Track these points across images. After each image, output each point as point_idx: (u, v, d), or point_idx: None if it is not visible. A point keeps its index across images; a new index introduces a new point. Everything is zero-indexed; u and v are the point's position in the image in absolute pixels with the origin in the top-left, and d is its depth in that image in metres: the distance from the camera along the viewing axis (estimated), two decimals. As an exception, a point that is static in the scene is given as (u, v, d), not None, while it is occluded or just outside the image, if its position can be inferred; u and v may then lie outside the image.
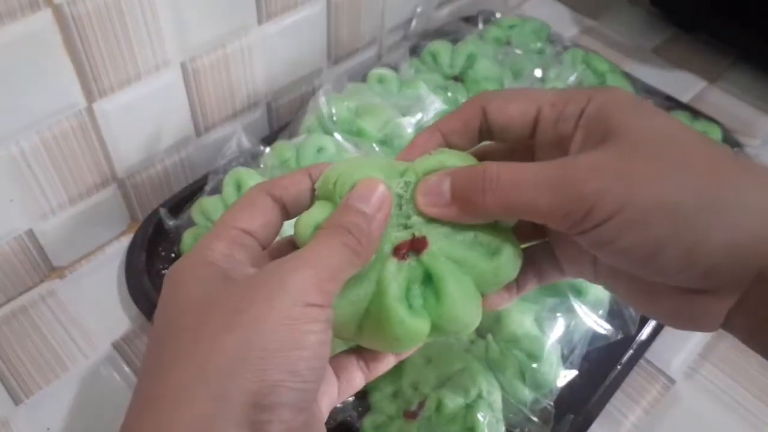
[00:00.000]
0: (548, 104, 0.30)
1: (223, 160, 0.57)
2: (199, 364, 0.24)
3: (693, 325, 0.29)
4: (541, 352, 0.45)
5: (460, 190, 0.29)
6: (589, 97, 0.29)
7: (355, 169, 0.30)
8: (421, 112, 0.61)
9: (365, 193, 0.28)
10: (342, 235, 0.27)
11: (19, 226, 0.51)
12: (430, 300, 0.29)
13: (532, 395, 0.45)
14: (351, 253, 0.27)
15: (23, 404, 0.48)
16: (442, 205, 0.29)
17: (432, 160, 0.31)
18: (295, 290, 0.25)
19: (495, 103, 0.31)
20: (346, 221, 0.28)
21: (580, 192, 0.26)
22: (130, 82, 0.51)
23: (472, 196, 0.28)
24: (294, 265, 0.26)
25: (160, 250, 0.56)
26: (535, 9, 0.88)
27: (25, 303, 0.54)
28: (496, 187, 0.28)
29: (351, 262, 0.27)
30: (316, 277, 0.26)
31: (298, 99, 0.68)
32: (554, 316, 0.47)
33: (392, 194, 0.30)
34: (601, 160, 0.26)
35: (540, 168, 0.28)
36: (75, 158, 0.51)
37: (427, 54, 0.69)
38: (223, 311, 0.25)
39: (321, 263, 0.27)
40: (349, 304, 0.29)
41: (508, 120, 0.31)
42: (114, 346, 0.52)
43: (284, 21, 0.59)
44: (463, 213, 0.29)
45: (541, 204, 0.27)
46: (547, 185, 0.27)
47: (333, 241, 0.27)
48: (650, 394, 0.51)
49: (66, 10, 0.43)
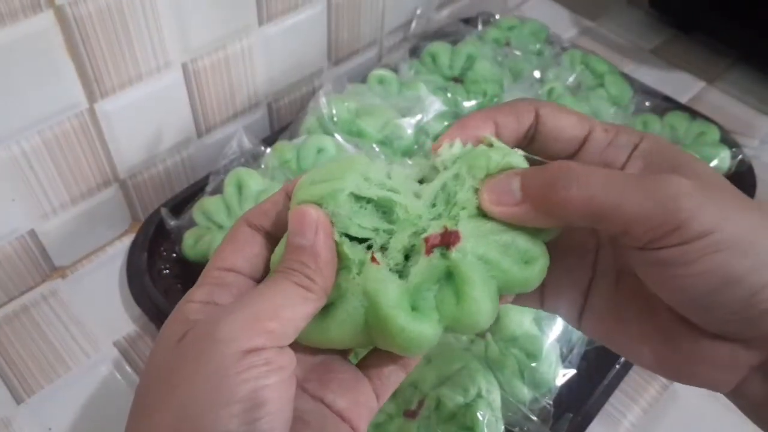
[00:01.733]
0: (600, 128, 0.29)
1: (224, 160, 0.57)
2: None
3: (706, 377, 0.28)
4: (540, 351, 0.45)
5: (536, 188, 0.27)
6: (641, 136, 0.29)
7: (313, 185, 0.28)
8: (420, 113, 0.61)
9: (297, 225, 0.27)
10: (289, 275, 0.26)
11: (21, 225, 0.51)
12: (447, 300, 0.27)
13: (531, 394, 0.46)
14: (303, 290, 0.26)
15: (25, 404, 0.49)
16: (511, 203, 0.27)
17: (497, 156, 0.28)
18: (227, 339, 0.24)
19: (549, 109, 0.30)
20: (289, 261, 0.27)
21: (678, 204, 0.24)
22: (132, 82, 0.51)
23: (552, 194, 0.26)
24: (230, 310, 0.25)
25: (161, 250, 0.56)
26: (534, 10, 0.88)
27: (26, 303, 0.54)
28: (582, 184, 0.25)
29: (306, 298, 0.26)
30: (253, 319, 0.25)
31: (299, 100, 0.68)
32: (553, 315, 0.47)
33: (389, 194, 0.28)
34: (689, 182, 0.25)
35: (628, 173, 0.26)
36: (76, 158, 0.51)
37: (427, 55, 0.69)
38: (161, 380, 0.25)
39: (262, 304, 0.25)
40: (338, 325, 0.28)
41: (560, 130, 0.30)
42: (116, 346, 0.52)
43: (285, 22, 0.60)
44: (534, 212, 0.27)
45: (630, 208, 0.25)
46: (641, 190, 0.25)
47: (280, 282, 0.26)
48: (648, 393, 0.52)
49: (68, 11, 0.44)
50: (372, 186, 0.28)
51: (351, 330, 0.28)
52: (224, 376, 0.23)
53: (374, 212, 0.28)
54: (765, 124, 0.75)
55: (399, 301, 0.27)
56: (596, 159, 0.29)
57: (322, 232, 0.27)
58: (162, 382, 0.25)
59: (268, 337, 0.24)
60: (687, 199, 0.24)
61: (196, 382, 0.24)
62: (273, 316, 0.25)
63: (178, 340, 0.26)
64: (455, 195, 0.28)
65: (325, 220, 0.27)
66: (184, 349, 0.25)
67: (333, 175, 0.28)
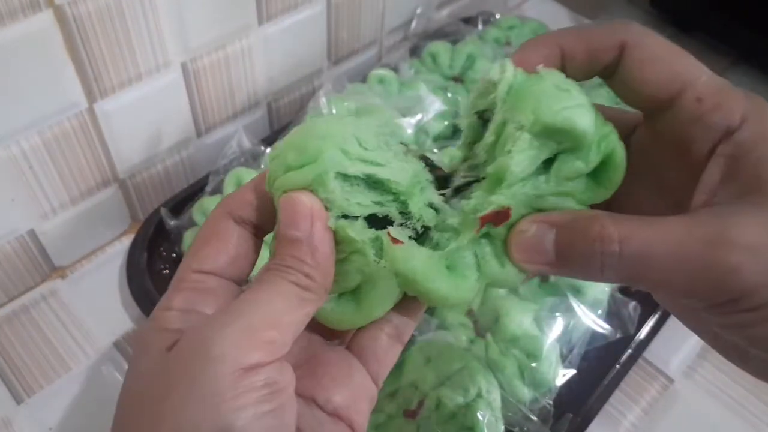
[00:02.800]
0: (694, 93, 0.24)
1: (223, 160, 0.57)
2: None
3: None
4: (540, 351, 0.45)
5: (568, 256, 0.24)
6: (743, 116, 0.24)
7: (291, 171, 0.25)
8: (421, 113, 0.61)
9: (290, 215, 0.24)
10: (285, 274, 0.23)
11: (20, 225, 0.51)
12: (489, 261, 0.26)
13: (531, 394, 0.46)
14: (301, 290, 0.23)
15: (25, 404, 0.49)
16: (544, 263, 0.25)
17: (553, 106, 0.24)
18: (222, 355, 0.21)
19: (639, 52, 0.25)
20: (282, 257, 0.24)
21: (730, 284, 0.22)
22: (131, 82, 0.51)
23: (585, 266, 0.23)
24: (221, 323, 0.22)
25: (161, 250, 0.56)
26: (534, 10, 0.88)
27: (26, 302, 0.54)
28: (617, 262, 0.23)
29: (304, 299, 0.23)
30: (250, 330, 0.22)
31: (299, 99, 0.68)
32: (553, 315, 0.47)
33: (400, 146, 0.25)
34: (755, 234, 0.22)
35: (673, 237, 0.22)
36: (76, 158, 0.51)
37: (427, 55, 0.69)
38: (152, 401, 0.22)
39: (258, 312, 0.22)
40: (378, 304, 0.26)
41: (642, 84, 0.25)
42: (115, 346, 0.52)
43: (284, 21, 0.60)
44: (572, 275, 0.25)
45: (676, 287, 0.23)
46: (686, 268, 0.22)
47: (276, 283, 0.23)
48: (649, 393, 0.52)
49: (67, 10, 0.43)
50: (354, 161, 0.25)
51: (390, 302, 0.26)
52: (220, 402, 0.21)
53: (364, 185, 0.25)
54: (765, 123, 0.75)
55: (436, 272, 0.25)
56: (676, 131, 0.25)
57: (318, 222, 0.24)
58: (149, 402, 0.22)
59: (267, 349, 0.22)
60: (744, 273, 0.21)
61: (188, 408, 0.21)
62: (272, 324, 0.22)
63: (166, 349, 0.23)
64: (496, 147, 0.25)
65: (320, 208, 0.24)
66: (173, 365, 0.22)
67: (308, 154, 0.24)
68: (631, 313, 0.51)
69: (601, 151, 0.26)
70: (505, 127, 0.25)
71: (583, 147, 0.25)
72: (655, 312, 0.53)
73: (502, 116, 0.25)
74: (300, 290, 0.23)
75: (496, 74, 0.26)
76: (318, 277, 0.24)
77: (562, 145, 0.25)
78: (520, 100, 0.25)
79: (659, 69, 0.25)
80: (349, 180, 0.25)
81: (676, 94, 0.25)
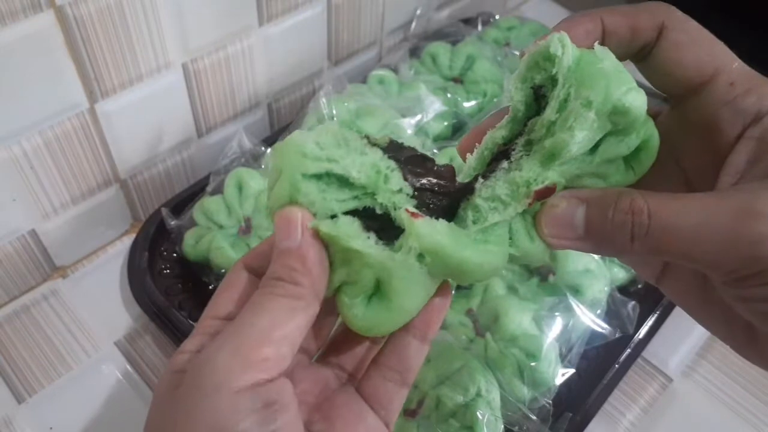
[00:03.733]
0: (726, 78, 0.25)
1: (224, 160, 0.57)
2: None
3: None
4: (539, 350, 0.46)
5: (598, 229, 0.24)
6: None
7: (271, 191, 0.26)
8: (420, 114, 0.61)
9: (279, 227, 0.24)
10: (271, 289, 0.24)
11: (21, 225, 0.51)
12: (521, 235, 0.27)
13: (530, 393, 0.46)
14: (288, 300, 0.24)
15: (26, 403, 0.49)
16: (573, 238, 0.25)
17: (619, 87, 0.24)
18: (217, 383, 0.21)
19: (675, 35, 0.25)
20: (273, 270, 0.24)
21: (757, 254, 0.22)
22: (132, 83, 0.51)
23: (615, 239, 0.24)
24: (215, 347, 0.23)
25: (162, 250, 0.56)
26: (533, 10, 0.88)
27: (27, 302, 0.54)
28: (646, 234, 0.23)
29: (294, 308, 0.23)
30: (241, 350, 0.22)
31: (299, 100, 0.68)
32: (552, 315, 0.47)
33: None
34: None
35: (703, 210, 0.23)
36: (77, 158, 0.51)
37: (427, 55, 0.69)
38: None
39: (247, 331, 0.23)
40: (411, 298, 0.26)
41: (676, 66, 0.26)
42: (116, 345, 0.52)
43: (285, 22, 0.60)
44: (598, 250, 0.25)
45: (702, 257, 0.23)
46: (714, 239, 0.22)
47: (262, 301, 0.24)
48: (648, 392, 0.52)
49: (68, 11, 0.44)
50: (313, 161, 0.25)
51: (420, 292, 0.27)
52: (224, 427, 0.21)
53: (337, 184, 0.26)
54: (764, 124, 0.75)
55: (464, 241, 0.26)
56: (705, 115, 0.26)
57: (306, 230, 0.24)
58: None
59: (261, 368, 0.22)
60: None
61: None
62: (262, 341, 0.22)
63: (173, 389, 0.24)
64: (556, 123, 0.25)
65: (304, 214, 0.24)
66: (177, 401, 0.23)
67: (278, 169, 0.26)
68: (630, 312, 0.51)
69: (640, 136, 0.26)
70: (568, 104, 0.25)
71: (633, 130, 0.26)
72: (654, 312, 0.53)
73: (566, 92, 0.25)
74: (288, 301, 0.24)
75: (556, 48, 0.25)
76: (307, 282, 0.24)
77: (615, 126, 0.25)
78: (590, 78, 0.24)
79: (695, 52, 0.25)
80: (323, 181, 0.25)
81: (709, 78, 0.25)
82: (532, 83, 0.27)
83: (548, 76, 0.26)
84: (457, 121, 0.66)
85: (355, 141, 0.26)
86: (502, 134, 0.28)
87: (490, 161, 0.29)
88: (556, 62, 0.25)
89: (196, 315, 0.52)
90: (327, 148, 0.25)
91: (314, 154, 0.25)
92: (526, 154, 0.27)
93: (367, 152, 0.26)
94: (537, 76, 0.27)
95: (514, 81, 0.27)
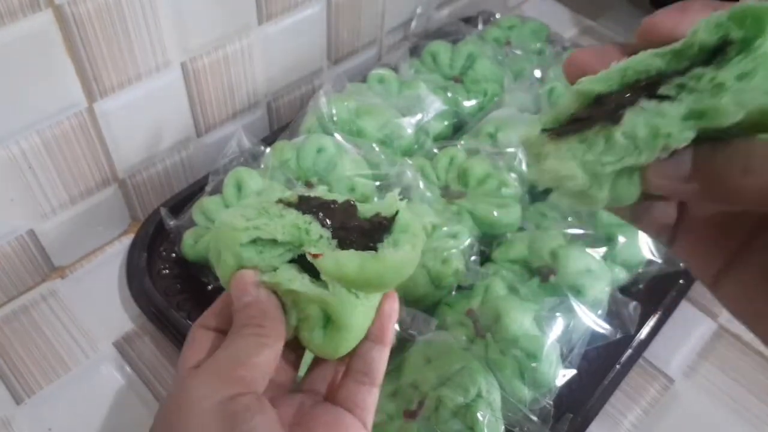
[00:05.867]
0: None
1: (223, 160, 0.57)
2: None
3: None
4: (540, 351, 0.45)
5: (710, 166, 0.22)
6: None
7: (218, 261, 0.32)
8: (421, 113, 0.61)
9: (239, 288, 0.30)
10: (243, 330, 0.29)
11: (20, 225, 0.51)
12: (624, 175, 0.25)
13: (531, 394, 0.46)
14: (258, 337, 0.29)
15: (24, 404, 0.49)
16: (677, 178, 0.23)
17: None
18: (202, 395, 0.26)
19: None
20: (239, 319, 0.29)
21: None
22: (131, 82, 0.51)
23: (724, 174, 0.22)
24: (197, 371, 0.28)
25: (161, 250, 0.56)
26: (534, 9, 0.88)
27: (26, 303, 0.54)
28: (761, 167, 0.21)
29: (263, 344, 0.28)
30: (221, 370, 0.27)
31: (299, 99, 0.68)
32: (553, 315, 0.47)
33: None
34: None
35: None
36: (76, 158, 0.51)
37: (427, 54, 0.69)
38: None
39: (225, 357, 0.28)
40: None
41: None
42: (115, 346, 0.52)
43: (284, 21, 0.59)
44: (703, 193, 0.23)
45: None
46: None
47: (237, 338, 0.29)
48: (649, 393, 0.52)
49: (67, 10, 0.43)
50: (243, 231, 0.30)
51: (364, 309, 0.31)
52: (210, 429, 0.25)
53: (271, 245, 0.31)
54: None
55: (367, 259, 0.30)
56: None
57: (257, 285, 0.30)
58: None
59: (240, 383, 0.26)
60: None
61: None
62: (239, 363, 0.27)
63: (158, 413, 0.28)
64: None
65: (253, 274, 0.30)
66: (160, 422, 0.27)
67: (218, 248, 0.31)
68: (631, 313, 0.51)
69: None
70: (750, 80, 0.22)
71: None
72: (655, 312, 0.53)
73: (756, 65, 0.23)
74: (256, 338, 0.29)
75: (705, 29, 0.24)
76: (268, 324, 0.29)
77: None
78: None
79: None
80: (258, 244, 0.31)
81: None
82: (726, 34, 0.24)
83: (744, 38, 0.24)
84: (457, 120, 0.66)
85: (272, 207, 0.31)
86: (659, 65, 0.25)
87: (628, 87, 0.26)
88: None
89: (195, 315, 0.52)
90: (252, 218, 0.31)
91: (243, 226, 0.30)
92: (676, 100, 0.24)
93: (284, 214, 0.31)
94: (737, 33, 0.24)
95: (712, 20, 0.24)
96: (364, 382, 0.32)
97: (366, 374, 0.32)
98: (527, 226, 0.55)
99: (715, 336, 0.55)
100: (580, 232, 0.53)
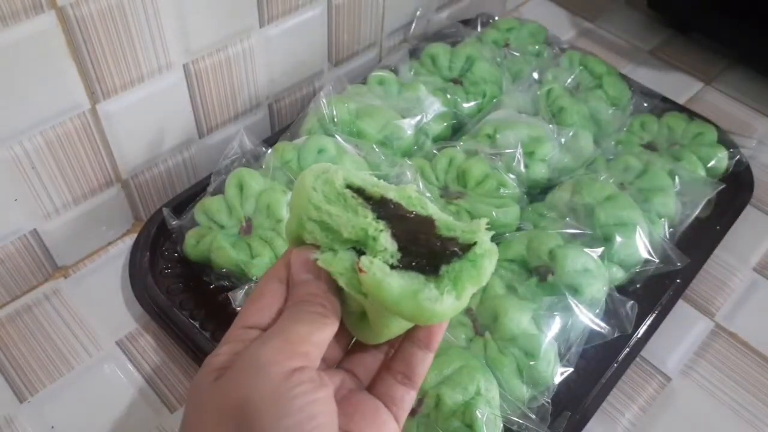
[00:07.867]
0: None
1: (225, 160, 0.57)
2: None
3: None
4: (538, 350, 0.46)
5: None
6: None
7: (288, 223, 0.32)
8: (420, 114, 0.62)
9: (299, 263, 0.31)
10: (305, 306, 0.29)
11: (23, 225, 0.52)
12: None
13: (529, 392, 0.46)
14: (319, 316, 0.29)
15: (27, 402, 0.49)
16: None
17: None
18: (271, 362, 0.27)
19: None
20: (300, 295, 0.30)
21: None
22: (134, 83, 0.51)
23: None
24: (264, 339, 0.28)
25: (163, 250, 0.56)
26: (532, 12, 0.89)
27: (29, 302, 0.55)
28: None
29: (325, 323, 0.29)
30: (288, 344, 0.28)
31: (300, 100, 0.68)
32: (551, 314, 0.48)
33: None
34: None
35: None
36: (79, 159, 0.52)
37: (427, 56, 0.70)
38: (210, 408, 0.27)
39: (291, 331, 0.28)
40: None
41: None
42: (118, 345, 0.52)
43: (286, 23, 0.60)
44: None
45: None
46: None
47: (300, 313, 0.29)
48: (646, 391, 0.52)
49: (70, 12, 0.44)
50: (315, 209, 0.30)
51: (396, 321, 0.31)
52: (276, 394, 0.26)
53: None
54: (762, 124, 0.75)
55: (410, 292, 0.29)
56: None
57: (317, 270, 0.30)
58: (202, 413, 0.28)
59: (304, 358, 0.27)
60: None
61: (250, 404, 0.26)
62: (304, 340, 0.28)
63: (214, 381, 0.28)
64: None
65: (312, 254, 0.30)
66: (225, 383, 0.27)
67: (291, 203, 0.32)
68: (628, 312, 0.51)
69: None
70: None
71: None
72: (652, 311, 0.53)
73: None
74: (320, 316, 0.29)
75: None
76: (328, 305, 0.30)
77: None
78: None
79: None
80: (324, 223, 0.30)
81: None
82: None
83: None
84: (456, 122, 0.66)
85: (350, 198, 0.30)
86: None
87: None
88: None
89: (197, 314, 0.53)
90: (327, 201, 0.30)
91: (316, 204, 0.30)
92: None
93: (359, 211, 0.30)
94: None
95: None
96: (404, 382, 0.33)
97: (407, 376, 0.33)
98: (525, 226, 0.56)
99: (711, 335, 0.56)
100: (578, 232, 0.53)
